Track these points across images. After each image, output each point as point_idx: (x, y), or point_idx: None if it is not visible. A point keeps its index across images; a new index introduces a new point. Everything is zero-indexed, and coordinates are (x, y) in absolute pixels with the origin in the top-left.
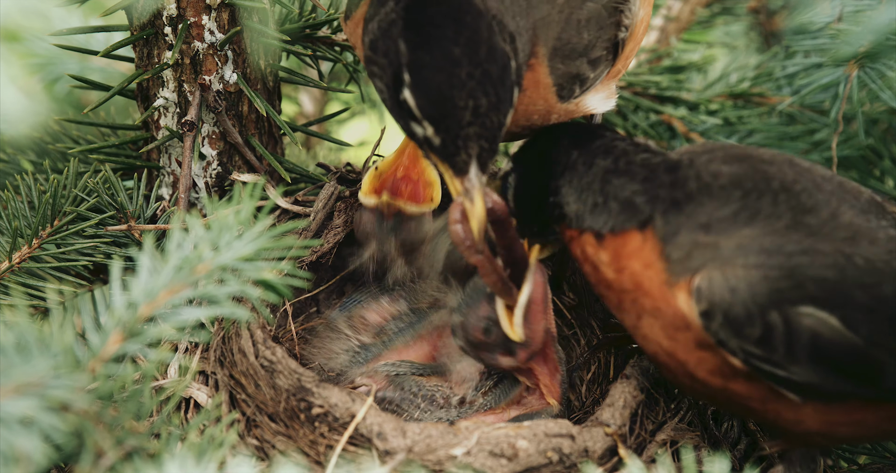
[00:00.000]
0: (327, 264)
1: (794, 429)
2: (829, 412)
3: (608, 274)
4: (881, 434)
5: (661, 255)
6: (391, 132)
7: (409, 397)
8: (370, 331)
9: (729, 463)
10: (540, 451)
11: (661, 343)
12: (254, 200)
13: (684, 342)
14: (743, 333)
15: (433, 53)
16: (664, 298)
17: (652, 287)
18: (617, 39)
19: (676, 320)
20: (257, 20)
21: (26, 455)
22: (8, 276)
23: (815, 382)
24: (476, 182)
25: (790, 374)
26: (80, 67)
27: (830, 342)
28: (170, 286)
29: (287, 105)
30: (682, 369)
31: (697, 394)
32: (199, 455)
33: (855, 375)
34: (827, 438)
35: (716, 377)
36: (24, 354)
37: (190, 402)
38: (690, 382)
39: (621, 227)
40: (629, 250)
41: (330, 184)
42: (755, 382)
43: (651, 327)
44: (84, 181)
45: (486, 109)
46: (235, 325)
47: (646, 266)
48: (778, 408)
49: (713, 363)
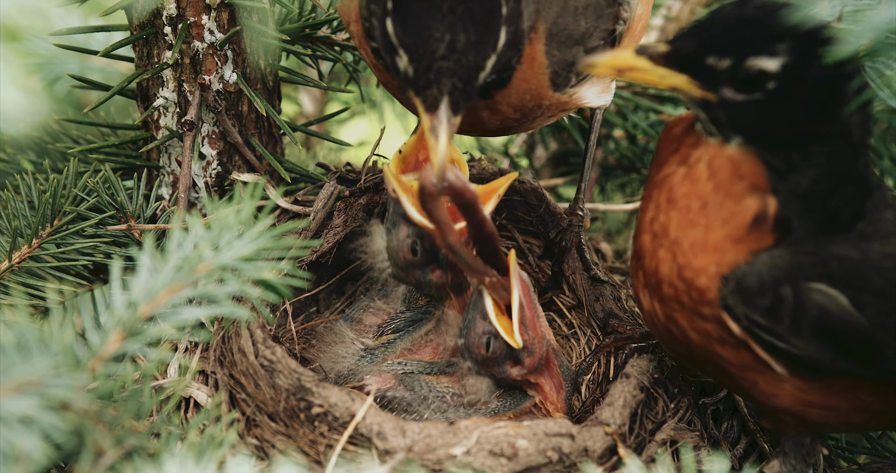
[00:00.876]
0: (327, 264)
1: (765, 402)
2: (807, 391)
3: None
4: (848, 424)
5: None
6: (391, 132)
7: (420, 398)
8: (371, 333)
9: (728, 463)
10: (540, 450)
11: (669, 273)
12: (254, 199)
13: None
14: (752, 302)
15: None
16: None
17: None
18: (615, 33)
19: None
20: (257, 20)
21: (26, 454)
22: (8, 275)
23: (812, 356)
24: (444, 120)
25: (790, 347)
26: (79, 66)
27: (837, 319)
28: (170, 286)
29: (287, 105)
30: (671, 312)
31: (674, 342)
32: (198, 454)
33: (855, 353)
34: (796, 418)
35: (702, 335)
36: (24, 353)
37: (190, 401)
38: (674, 327)
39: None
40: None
41: (330, 184)
42: (741, 349)
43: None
44: (84, 181)
45: (464, 46)
46: (235, 325)
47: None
48: (756, 378)
49: (708, 323)
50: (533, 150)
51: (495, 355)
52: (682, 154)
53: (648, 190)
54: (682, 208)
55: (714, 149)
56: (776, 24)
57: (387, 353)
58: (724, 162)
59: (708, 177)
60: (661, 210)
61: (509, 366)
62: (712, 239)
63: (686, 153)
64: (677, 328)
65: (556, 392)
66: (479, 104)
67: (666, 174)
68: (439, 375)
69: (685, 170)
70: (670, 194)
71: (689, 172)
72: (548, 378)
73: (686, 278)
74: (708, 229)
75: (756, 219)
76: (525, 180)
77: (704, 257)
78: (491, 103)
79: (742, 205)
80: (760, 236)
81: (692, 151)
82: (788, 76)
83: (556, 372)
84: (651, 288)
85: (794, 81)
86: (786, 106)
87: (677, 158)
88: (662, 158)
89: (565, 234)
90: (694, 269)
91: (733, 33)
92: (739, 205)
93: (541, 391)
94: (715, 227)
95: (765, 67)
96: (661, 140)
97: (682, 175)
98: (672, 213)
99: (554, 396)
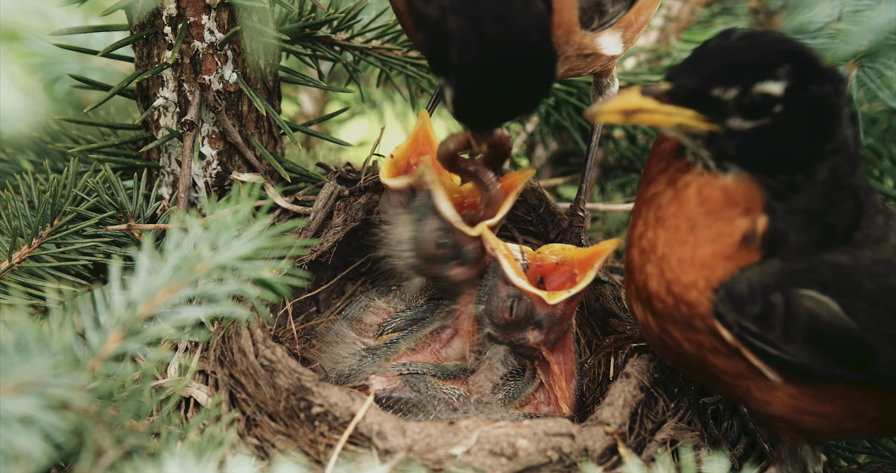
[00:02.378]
0: (327, 264)
1: (759, 409)
2: (800, 398)
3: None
4: (842, 431)
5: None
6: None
7: (427, 399)
8: (371, 332)
9: (728, 463)
10: (540, 450)
11: (658, 288)
12: (252, 199)
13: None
14: (743, 309)
15: None
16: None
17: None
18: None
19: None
20: (257, 20)
21: (26, 454)
22: (8, 275)
23: (805, 362)
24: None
25: (782, 353)
26: (79, 66)
27: (828, 325)
28: (169, 286)
29: (287, 105)
30: (664, 324)
31: (667, 351)
32: (198, 454)
33: (848, 358)
34: (789, 426)
35: (695, 346)
36: (23, 353)
37: (190, 401)
38: (667, 338)
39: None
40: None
41: (330, 184)
42: (734, 358)
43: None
44: (84, 181)
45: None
46: (235, 324)
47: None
48: (749, 386)
49: (701, 334)
50: (533, 150)
51: (518, 318)
52: (670, 175)
53: (637, 205)
54: (669, 227)
55: (705, 179)
56: (770, 50)
57: (389, 352)
58: (717, 191)
59: (698, 203)
60: (649, 227)
61: (530, 331)
62: (700, 256)
63: (675, 176)
64: (670, 339)
65: (565, 379)
66: None
67: (654, 193)
68: (445, 379)
69: (673, 192)
70: (658, 213)
71: (678, 196)
72: (560, 359)
73: (675, 293)
74: (696, 247)
75: (745, 238)
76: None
77: (693, 272)
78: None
79: (733, 226)
80: (749, 253)
81: (681, 176)
82: (791, 98)
83: (570, 358)
84: (643, 301)
85: (797, 102)
86: (792, 128)
87: (665, 179)
88: (651, 176)
89: (566, 235)
90: (683, 284)
91: (733, 63)
92: (730, 226)
93: (550, 373)
94: (703, 245)
95: (771, 91)
96: (651, 155)
97: (670, 197)
98: (660, 231)
99: (563, 383)
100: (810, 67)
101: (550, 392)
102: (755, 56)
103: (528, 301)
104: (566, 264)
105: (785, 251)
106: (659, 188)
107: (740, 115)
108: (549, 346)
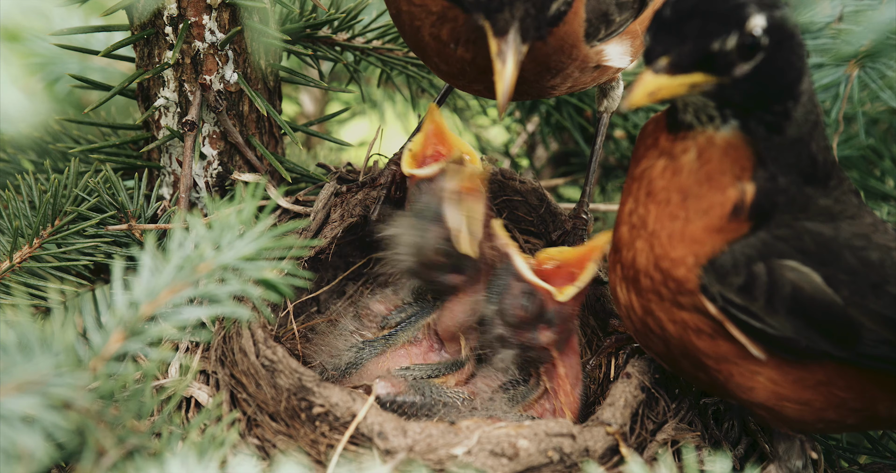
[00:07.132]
0: (327, 262)
1: (741, 396)
2: (781, 384)
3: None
4: (824, 421)
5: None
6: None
7: (431, 402)
8: (375, 322)
9: (730, 463)
10: (541, 450)
11: (646, 264)
12: (255, 199)
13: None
14: (726, 280)
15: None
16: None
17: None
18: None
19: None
20: (258, 20)
21: (28, 453)
22: (9, 275)
23: (789, 336)
24: (512, 45)
25: (766, 326)
26: (80, 66)
27: (811, 297)
28: (171, 286)
29: (287, 105)
30: (648, 304)
31: (650, 337)
32: (200, 454)
33: (831, 333)
34: (771, 413)
35: (679, 327)
36: (25, 352)
37: (191, 401)
38: (651, 319)
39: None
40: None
41: (330, 184)
42: (718, 338)
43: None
44: (85, 181)
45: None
46: (236, 324)
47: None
48: (731, 370)
49: (685, 312)
50: (533, 150)
51: (531, 315)
52: (661, 148)
53: (627, 185)
54: (660, 201)
55: (705, 138)
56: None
57: (387, 345)
58: (716, 151)
59: (697, 166)
60: (639, 203)
61: (541, 330)
62: (690, 230)
63: (667, 146)
64: (654, 321)
65: (570, 384)
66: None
67: (644, 168)
68: (446, 376)
69: (666, 161)
70: (649, 188)
71: (671, 164)
72: (566, 362)
73: (663, 268)
74: (687, 221)
75: (735, 209)
76: (526, 181)
77: (682, 248)
78: (536, 45)
79: (725, 195)
80: (738, 226)
81: (676, 144)
82: (772, 27)
83: (576, 361)
84: (628, 280)
85: (777, 30)
86: (778, 65)
87: (656, 152)
88: (640, 154)
89: (569, 237)
90: (671, 259)
91: (716, 15)
92: (723, 195)
93: (555, 377)
94: (694, 219)
95: (759, 24)
96: (638, 138)
97: (661, 167)
98: (651, 205)
99: (567, 387)
100: (773, 7)
101: (555, 399)
102: (724, 2)
103: (540, 298)
104: (564, 265)
105: (768, 224)
106: (649, 163)
107: (742, 59)
108: (559, 347)
